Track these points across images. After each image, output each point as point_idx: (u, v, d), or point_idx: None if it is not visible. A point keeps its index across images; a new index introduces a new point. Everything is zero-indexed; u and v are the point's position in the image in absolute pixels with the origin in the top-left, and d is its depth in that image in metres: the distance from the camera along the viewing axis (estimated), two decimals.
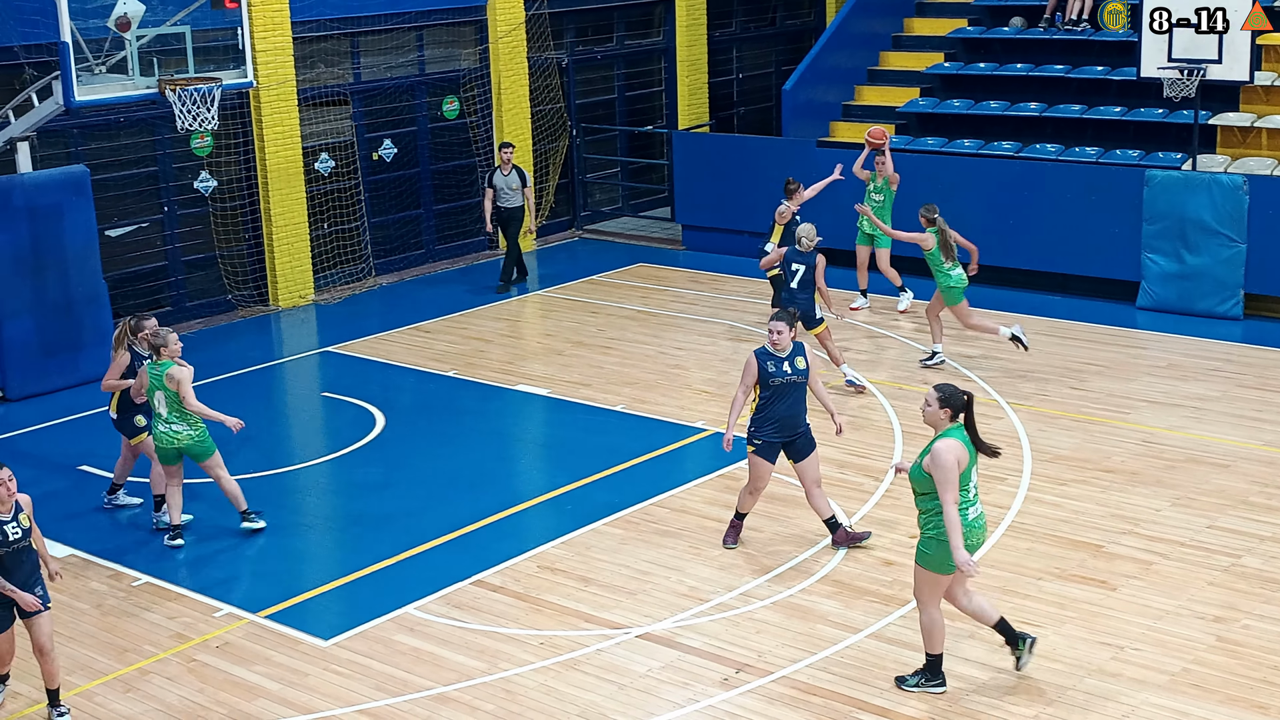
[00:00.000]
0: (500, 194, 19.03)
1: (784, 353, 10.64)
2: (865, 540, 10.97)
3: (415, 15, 19.86)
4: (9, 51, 15.83)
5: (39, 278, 15.32)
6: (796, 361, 10.67)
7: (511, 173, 18.98)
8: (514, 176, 19.00)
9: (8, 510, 8.66)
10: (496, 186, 19.04)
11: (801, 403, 10.78)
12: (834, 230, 19.18)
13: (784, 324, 10.62)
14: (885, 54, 22.48)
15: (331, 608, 10.47)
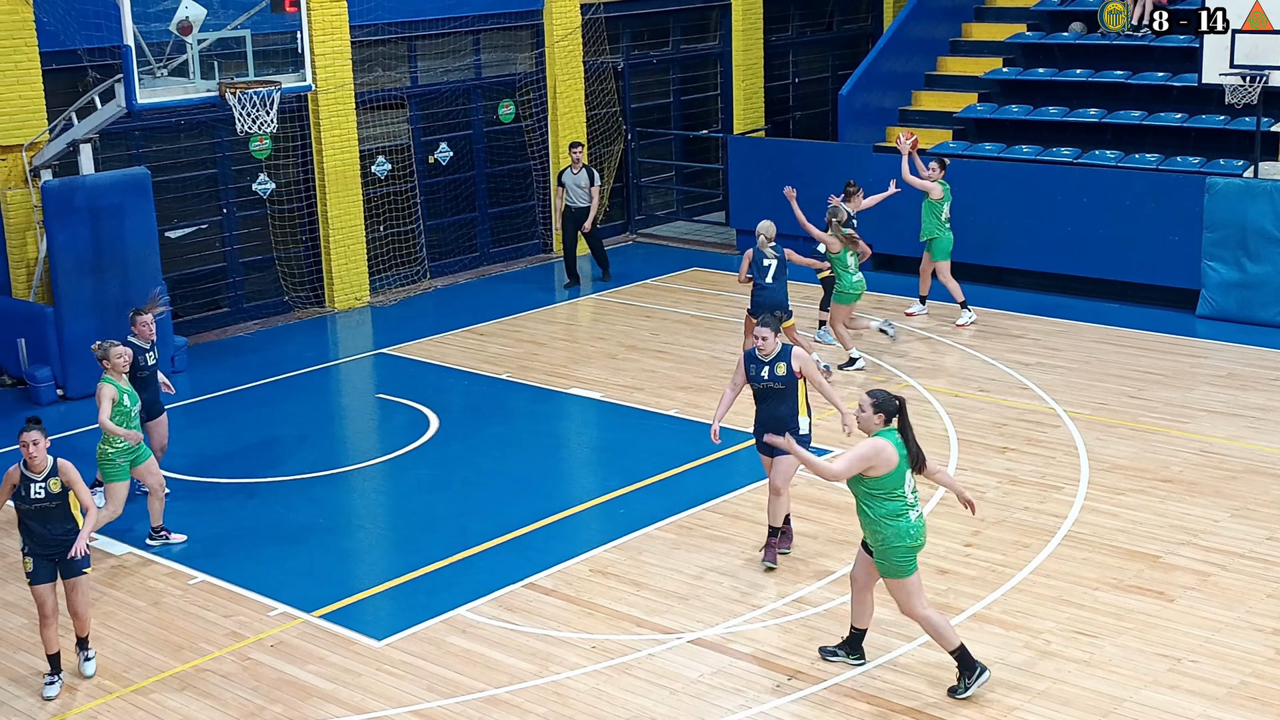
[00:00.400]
0: (570, 192, 19.14)
1: (768, 357, 10.59)
2: (780, 555, 10.89)
3: (472, 19, 19.94)
4: (72, 54, 16.02)
5: (100, 277, 15.48)
6: (777, 367, 10.58)
7: (581, 171, 19.09)
8: (584, 175, 19.11)
9: (38, 471, 9.13)
10: (566, 185, 19.15)
11: (780, 407, 10.63)
12: (894, 237, 19.12)
13: (768, 329, 10.58)
14: (943, 59, 22.36)
15: (384, 608, 10.51)
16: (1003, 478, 12.40)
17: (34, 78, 15.71)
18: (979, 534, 11.27)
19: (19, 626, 10.40)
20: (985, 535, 11.26)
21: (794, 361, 10.58)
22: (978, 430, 13.54)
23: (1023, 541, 11.13)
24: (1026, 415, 13.94)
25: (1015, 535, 11.25)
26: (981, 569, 10.68)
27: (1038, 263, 18.39)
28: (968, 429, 13.58)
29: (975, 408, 14.19)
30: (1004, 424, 13.71)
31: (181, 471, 13.31)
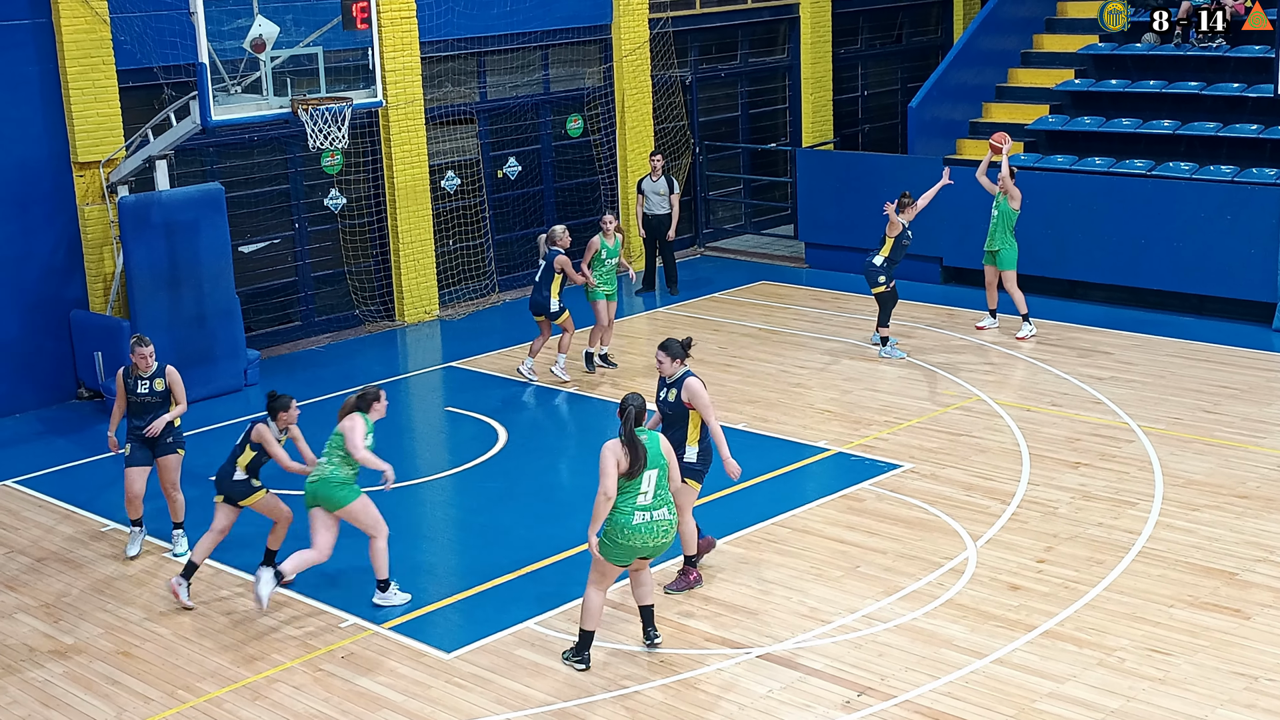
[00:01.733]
0: (649, 200, 19.20)
1: (670, 379, 10.54)
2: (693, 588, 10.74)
3: (541, 35, 20.05)
4: (149, 72, 16.26)
5: (175, 292, 15.68)
6: (669, 393, 10.54)
7: (660, 180, 19.15)
8: (663, 183, 19.19)
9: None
10: (645, 192, 19.23)
11: (678, 431, 10.52)
12: (958, 248, 19.01)
13: (663, 354, 10.53)
14: (1014, 71, 22.21)
15: (454, 620, 10.56)
16: (1076, 493, 12.27)
17: (111, 96, 15.95)
18: (1051, 550, 11.16)
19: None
20: (1058, 551, 11.14)
21: (684, 392, 10.45)
22: (1050, 445, 13.41)
23: (1096, 558, 11.00)
24: (1100, 430, 13.79)
25: (1089, 551, 11.13)
26: (1054, 585, 10.57)
27: (1111, 276, 18.20)
28: (1040, 444, 13.45)
29: (1048, 422, 14.05)
30: (1077, 439, 13.57)
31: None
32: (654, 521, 9.38)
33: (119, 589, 11.29)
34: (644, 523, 9.35)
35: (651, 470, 9.37)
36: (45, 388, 16.07)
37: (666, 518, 9.45)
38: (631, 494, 9.31)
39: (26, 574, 11.65)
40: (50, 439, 15.06)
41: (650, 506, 9.37)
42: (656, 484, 9.41)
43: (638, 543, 9.37)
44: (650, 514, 9.38)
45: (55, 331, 16.04)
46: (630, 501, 9.31)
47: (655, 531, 9.40)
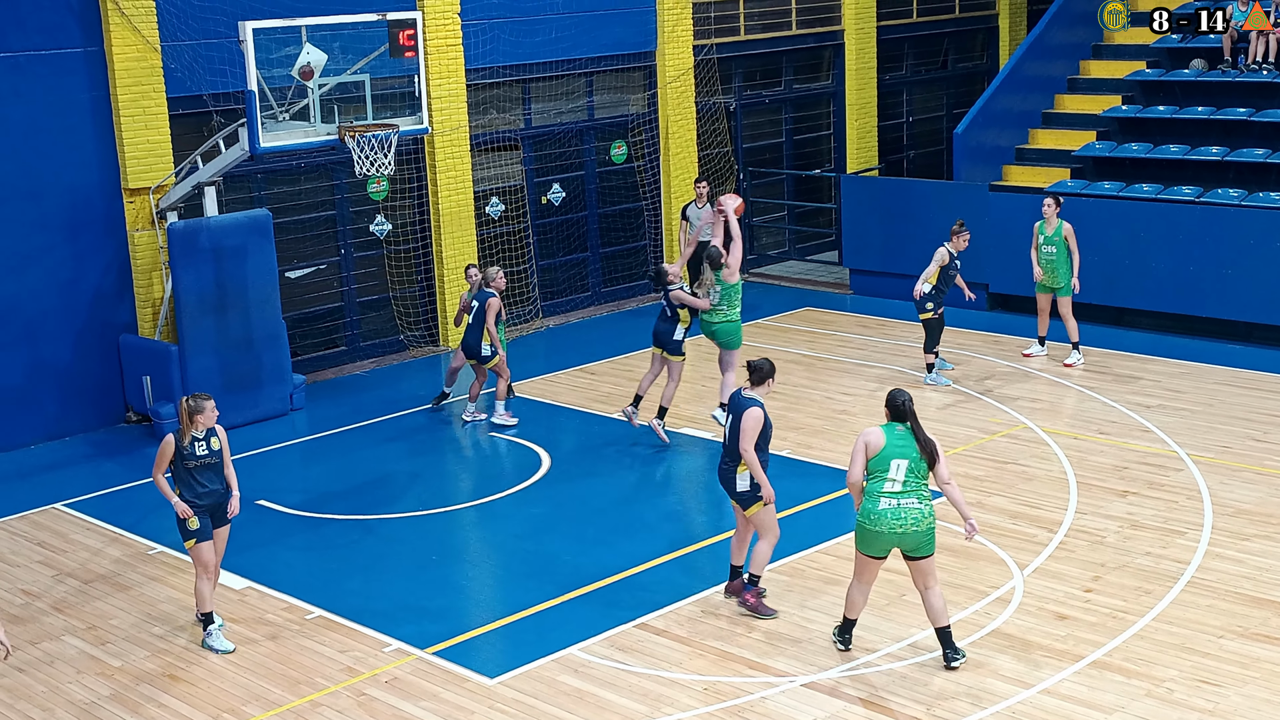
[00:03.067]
0: (693, 226, 19.14)
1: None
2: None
3: (586, 61, 20.13)
4: (198, 100, 16.42)
5: (222, 316, 15.80)
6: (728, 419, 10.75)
7: (706, 206, 19.07)
8: (709, 209, 19.07)
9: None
10: (690, 219, 19.19)
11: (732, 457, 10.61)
12: (1004, 274, 18.92)
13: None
14: (1061, 97, 22.12)
15: (497, 646, 10.56)
16: (1124, 522, 12.16)
17: (161, 122, 16.12)
18: (1099, 579, 11.06)
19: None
20: (1106, 580, 11.04)
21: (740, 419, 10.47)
22: (1098, 474, 13.30)
23: (1145, 587, 10.90)
24: (1148, 458, 13.68)
25: (1137, 581, 11.02)
26: (1102, 615, 10.47)
27: (1159, 303, 18.07)
28: (1088, 472, 13.35)
29: (1095, 450, 13.95)
30: (1125, 467, 13.46)
31: (297, 508, 13.51)
32: (901, 508, 9.52)
33: (165, 612, 11.35)
34: (890, 508, 9.53)
35: (901, 460, 9.54)
36: (94, 411, 16.21)
37: (916, 506, 9.55)
38: (880, 479, 9.56)
39: (74, 596, 11.73)
40: (98, 462, 15.19)
41: (899, 494, 9.53)
42: (907, 472, 9.55)
43: (884, 528, 9.52)
44: (899, 500, 9.54)
45: (104, 356, 16.18)
46: (878, 487, 9.56)
47: (904, 519, 9.52)
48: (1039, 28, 22.24)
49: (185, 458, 10.43)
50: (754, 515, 10.59)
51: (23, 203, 15.51)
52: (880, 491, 9.56)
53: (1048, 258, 16.63)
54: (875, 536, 9.59)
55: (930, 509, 9.62)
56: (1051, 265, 16.61)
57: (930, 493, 9.66)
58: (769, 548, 10.70)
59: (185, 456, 10.43)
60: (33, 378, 15.74)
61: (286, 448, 15.42)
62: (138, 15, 15.79)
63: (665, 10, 20.71)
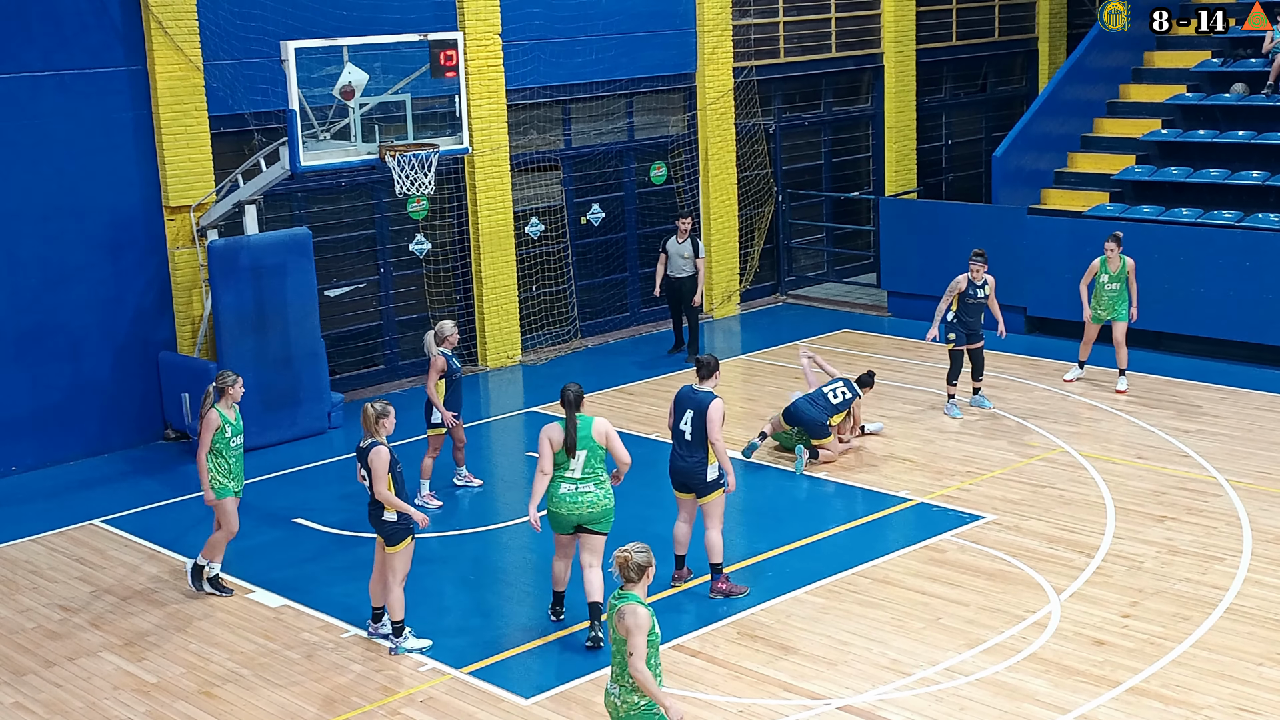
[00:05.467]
0: (672, 262, 19.03)
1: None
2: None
3: (626, 83, 20.19)
4: (240, 119, 16.55)
5: (261, 334, 15.89)
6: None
7: (686, 242, 18.92)
8: (688, 245, 18.95)
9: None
10: (669, 253, 19.07)
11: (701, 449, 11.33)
12: (1042, 298, 18.84)
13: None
14: (1100, 121, 22.06)
15: (532, 666, 10.56)
16: (1162, 547, 12.08)
17: (203, 141, 16.26)
18: (1137, 605, 10.98)
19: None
20: (1144, 606, 10.96)
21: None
22: (1136, 499, 13.22)
23: (1183, 614, 10.81)
24: (1187, 484, 13.58)
25: (1175, 607, 10.93)
26: (1140, 641, 10.39)
27: (1198, 328, 17.96)
28: (1125, 497, 13.26)
29: (1133, 475, 13.86)
30: (1163, 492, 13.37)
31: (335, 526, 13.56)
32: (579, 494, 10.63)
33: (202, 628, 11.41)
34: (569, 493, 10.64)
35: (582, 450, 10.59)
36: (133, 428, 16.33)
37: (593, 491, 10.64)
38: (563, 469, 10.60)
39: (112, 612, 11.81)
40: (137, 479, 15.29)
41: (578, 480, 10.62)
42: (584, 463, 10.60)
43: (565, 511, 10.65)
44: (576, 486, 10.62)
45: (144, 373, 16.30)
46: (561, 475, 10.62)
47: (580, 503, 10.64)
48: (1078, 52, 22.20)
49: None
50: (712, 503, 11.27)
51: (66, 220, 15.66)
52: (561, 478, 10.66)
53: (1110, 294, 16.42)
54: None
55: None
56: (1113, 301, 16.44)
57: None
58: (720, 534, 11.43)
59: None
60: (74, 394, 15.87)
61: (324, 466, 15.49)
62: (181, 35, 15.94)
63: (705, 32, 20.77)
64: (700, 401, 11.26)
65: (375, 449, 10.64)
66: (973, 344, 16.02)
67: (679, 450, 11.39)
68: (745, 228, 22.03)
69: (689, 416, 11.26)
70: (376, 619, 11.05)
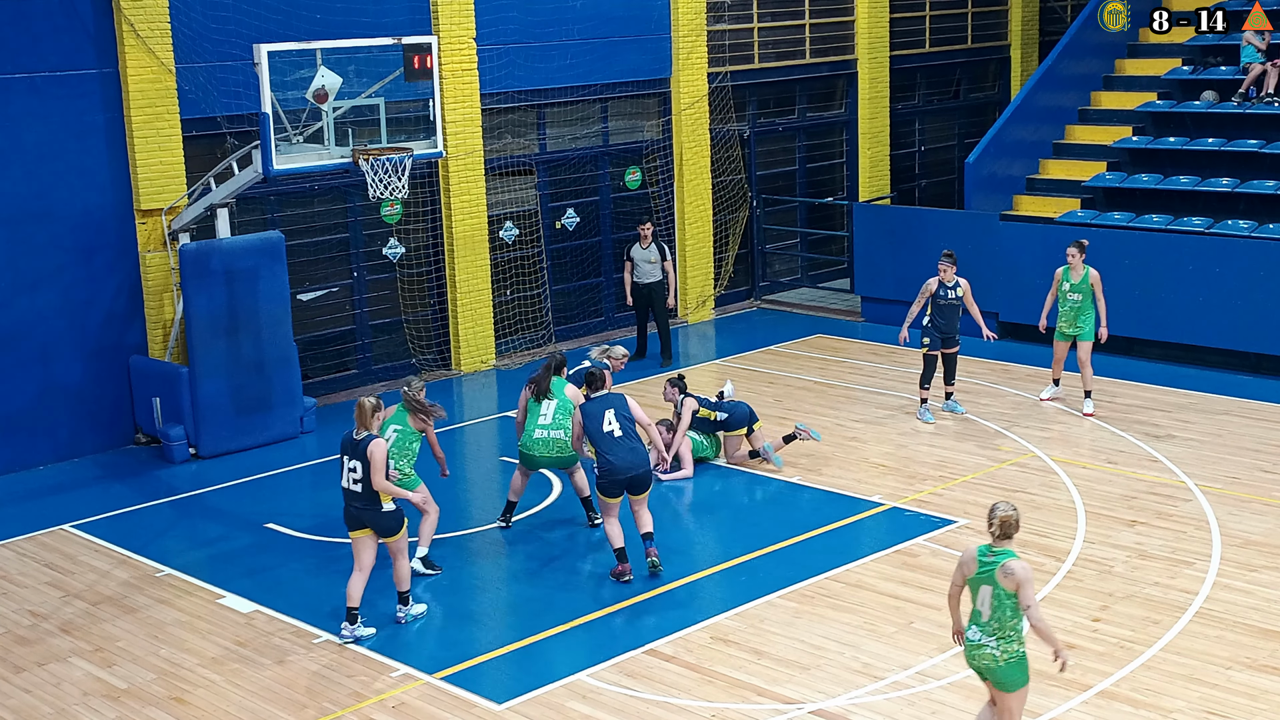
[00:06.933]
0: (638, 268, 19.01)
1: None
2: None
3: (600, 88, 20.20)
4: (212, 121, 16.50)
5: (233, 339, 15.83)
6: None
7: (651, 246, 18.89)
8: (653, 250, 18.93)
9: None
10: (634, 260, 19.05)
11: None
12: (1013, 303, 18.91)
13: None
14: (1071, 128, 22.17)
15: (505, 672, 10.54)
16: (1132, 552, 12.14)
17: (175, 144, 16.20)
18: (1107, 609, 11.03)
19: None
20: (1114, 610, 11.02)
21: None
22: (1106, 503, 13.29)
23: (1152, 618, 10.87)
24: (1156, 488, 13.66)
25: (1145, 611, 10.99)
26: (1110, 645, 10.44)
27: (1168, 333, 18.07)
28: (1096, 501, 13.33)
29: (1104, 480, 13.93)
30: (1133, 497, 13.44)
31: (307, 531, 13.53)
32: (550, 439, 12.53)
33: (173, 634, 11.37)
34: (541, 439, 12.58)
35: (552, 400, 12.59)
36: (104, 432, 16.24)
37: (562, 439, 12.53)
38: (534, 416, 12.56)
39: (82, 618, 11.75)
40: (108, 484, 15.21)
41: (549, 425, 12.56)
42: (554, 411, 12.54)
43: (536, 453, 12.63)
44: (548, 433, 12.58)
45: (115, 377, 16.23)
46: (533, 422, 12.57)
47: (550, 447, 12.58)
48: (1050, 59, 22.32)
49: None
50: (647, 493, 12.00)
51: (36, 224, 15.58)
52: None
53: (1073, 305, 15.90)
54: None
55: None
56: (1075, 312, 15.91)
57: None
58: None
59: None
60: (43, 399, 15.78)
61: (297, 470, 15.45)
62: (153, 37, 15.88)
63: (680, 38, 20.80)
64: (620, 400, 12.11)
65: (374, 441, 10.83)
66: (947, 348, 16.05)
67: (622, 448, 11.83)
68: (720, 233, 22.07)
69: (610, 415, 11.93)
70: (352, 620, 11.05)
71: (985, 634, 8.31)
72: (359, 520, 11.02)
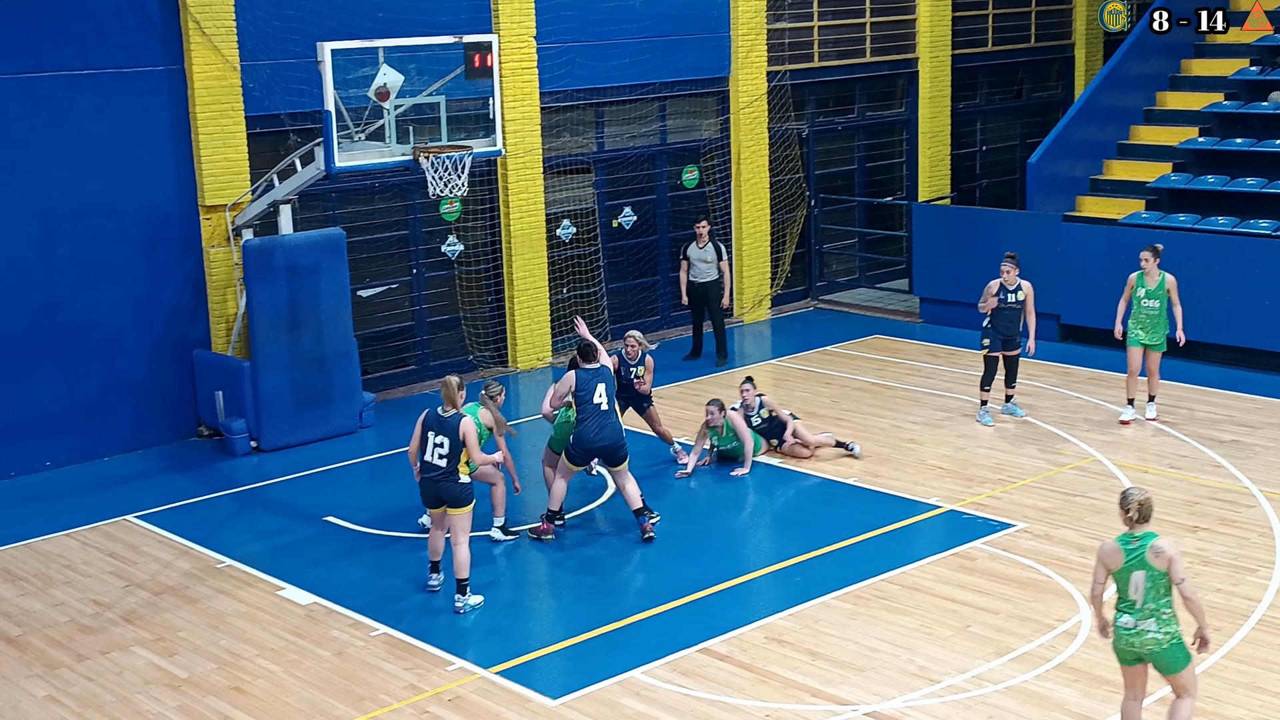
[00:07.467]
0: (694, 267, 19.00)
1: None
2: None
3: (659, 86, 20.20)
4: (276, 119, 16.64)
5: (295, 334, 15.96)
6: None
7: (707, 245, 18.88)
8: (709, 250, 18.89)
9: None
10: (690, 259, 19.04)
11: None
12: (1075, 305, 18.73)
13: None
14: (1136, 128, 21.95)
15: (560, 667, 10.58)
16: (1194, 558, 12.01)
17: (239, 141, 16.35)
18: None
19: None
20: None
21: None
22: (1168, 509, 13.15)
23: (1214, 625, 10.72)
24: (1219, 494, 13.51)
25: (1207, 618, 10.85)
26: None
27: (1233, 337, 17.86)
28: (1158, 507, 13.07)
29: (1165, 485, 13.79)
30: (1195, 503, 13.30)
31: (365, 525, 13.62)
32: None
33: (233, 625, 11.48)
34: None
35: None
36: (167, 425, 16.43)
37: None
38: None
39: (144, 608, 11.89)
40: (170, 476, 15.38)
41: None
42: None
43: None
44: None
45: (179, 370, 16.41)
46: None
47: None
48: (1115, 58, 22.09)
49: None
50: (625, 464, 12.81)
51: (103, 218, 15.77)
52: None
53: (1149, 313, 15.37)
54: None
55: None
56: (1153, 321, 15.38)
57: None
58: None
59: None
60: (108, 391, 15.98)
61: (355, 465, 15.56)
62: (218, 35, 16.04)
63: (740, 36, 20.77)
64: (606, 374, 12.85)
65: (464, 418, 11.44)
66: (1008, 350, 15.94)
67: (601, 420, 12.69)
68: (777, 232, 22.02)
69: (601, 389, 12.70)
70: (435, 570, 11.96)
71: (1141, 618, 8.51)
72: (437, 496, 11.53)
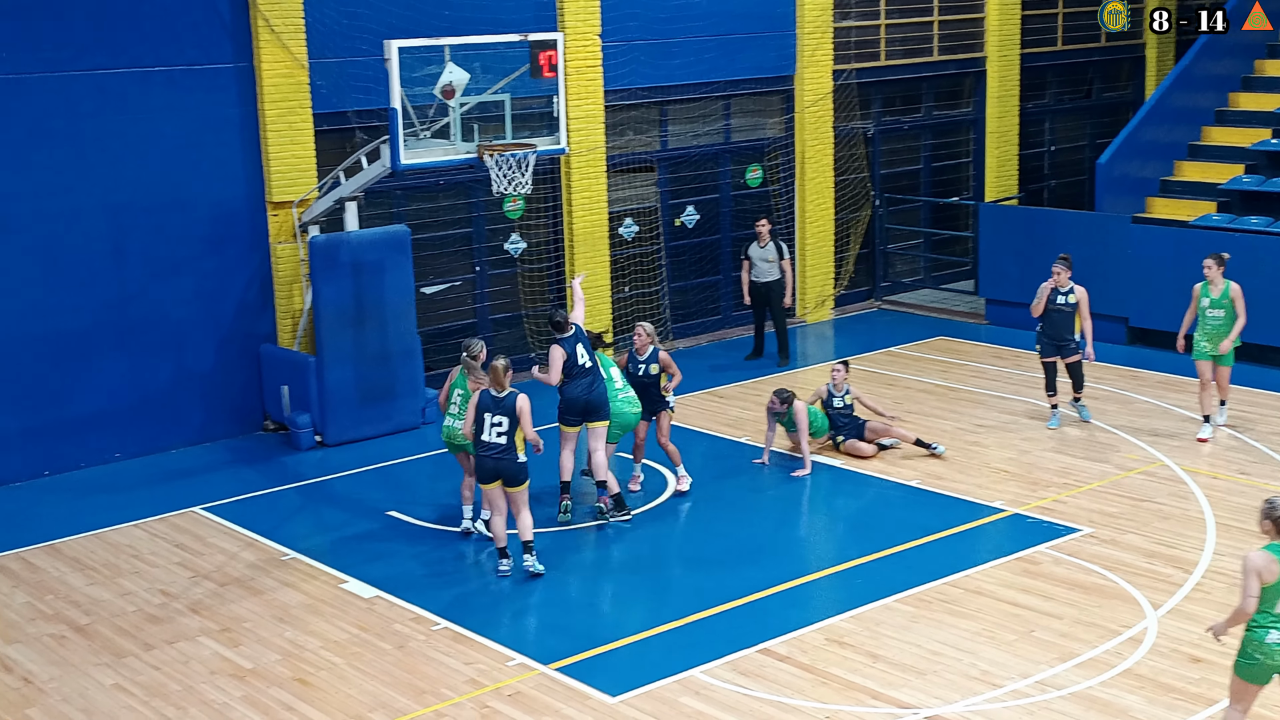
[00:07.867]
0: (755, 266, 18.93)
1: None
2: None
3: (723, 85, 20.16)
4: (343, 116, 16.76)
5: (359, 330, 16.07)
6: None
7: (769, 245, 18.81)
8: (770, 249, 18.81)
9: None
10: (752, 259, 18.97)
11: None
12: (1144, 308, 18.52)
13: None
14: (1208, 129, 21.66)
15: (620, 665, 10.58)
16: None
17: (307, 138, 16.48)
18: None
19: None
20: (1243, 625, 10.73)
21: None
22: (1237, 515, 12.97)
23: None
24: None
25: None
26: None
27: None
28: (1227, 513, 13.02)
29: (1235, 491, 13.61)
30: None
31: (428, 520, 13.68)
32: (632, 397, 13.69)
33: (297, 617, 11.57)
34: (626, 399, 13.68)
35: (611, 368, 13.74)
36: (234, 419, 16.58)
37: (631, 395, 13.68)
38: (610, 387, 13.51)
39: (210, 598, 12.01)
40: (237, 468, 15.53)
41: (624, 388, 13.69)
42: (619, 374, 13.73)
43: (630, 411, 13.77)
44: (628, 391, 13.68)
45: (245, 365, 16.55)
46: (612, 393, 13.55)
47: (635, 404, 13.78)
48: (1187, 59, 21.82)
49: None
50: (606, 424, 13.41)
51: (172, 214, 15.94)
52: None
53: (1214, 323, 14.96)
54: None
55: None
56: (1218, 331, 14.97)
57: None
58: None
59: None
60: (177, 384, 16.15)
61: (418, 460, 15.64)
62: (287, 33, 16.17)
63: (805, 34, 20.69)
64: (578, 332, 13.39)
65: (519, 396, 12.10)
66: (1065, 356, 15.66)
67: (587, 379, 13.24)
68: (841, 232, 21.91)
69: (580, 349, 13.30)
70: (504, 555, 12.26)
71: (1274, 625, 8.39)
72: (495, 472, 12.00)
